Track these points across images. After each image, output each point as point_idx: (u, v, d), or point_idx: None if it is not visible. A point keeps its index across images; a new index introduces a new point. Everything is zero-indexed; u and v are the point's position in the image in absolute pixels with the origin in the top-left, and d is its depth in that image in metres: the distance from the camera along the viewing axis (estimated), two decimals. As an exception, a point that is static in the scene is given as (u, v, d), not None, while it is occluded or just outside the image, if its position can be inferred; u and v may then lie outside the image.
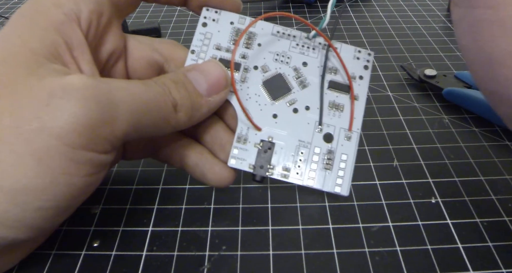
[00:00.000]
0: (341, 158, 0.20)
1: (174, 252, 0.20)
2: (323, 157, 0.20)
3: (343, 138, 0.20)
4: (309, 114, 0.20)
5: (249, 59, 0.21)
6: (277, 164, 0.20)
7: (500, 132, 0.27)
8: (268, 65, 0.21)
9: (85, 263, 0.19)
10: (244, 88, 0.21)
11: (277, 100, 0.20)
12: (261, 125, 0.20)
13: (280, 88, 0.21)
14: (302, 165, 0.20)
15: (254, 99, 0.20)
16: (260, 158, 0.20)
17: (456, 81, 0.31)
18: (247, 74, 0.21)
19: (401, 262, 0.19)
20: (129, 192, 0.23)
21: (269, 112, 0.20)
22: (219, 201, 0.22)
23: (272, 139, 0.20)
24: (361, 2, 0.46)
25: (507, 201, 0.22)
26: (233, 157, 0.20)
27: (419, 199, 0.22)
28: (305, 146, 0.20)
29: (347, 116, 0.20)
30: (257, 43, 0.21)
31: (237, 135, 0.20)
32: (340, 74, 0.21)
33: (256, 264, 0.19)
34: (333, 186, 0.20)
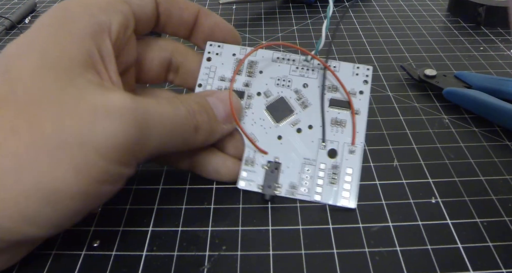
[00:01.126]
0: (346, 172, 0.21)
1: (174, 252, 0.20)
2: (329, 172, 0.21)
3: (347, 152, 0.21)
4: (312, 133, 0.21)
5: (252, 86, 0.22)
6: (284, 183, 0.21)
7: (500, 132, 0.27)
8: (270, 90, 0.22)
9: (85, 263, 0.19)
10: (249, 113, 0.22)
11: (280, 122, 0.22)
12: (266, 147, 0.21)
13: (283, 110, 0.22)
14: (308, 182, 0.21)
15: (259, 124, 0.22)
16: (268, 178, 0.21)
17: (456, 81, 0.31)
18: (251, 101, 0.22)
19: (401, 262, 0.19)
20: (129, 192, 0.23)
21: (274, 134, 0.21)
22: (219, 201, 0.22)
23: (278, 159, 0.21)
24: (361, 2, 0.46)
25: (507, 201, 0.22)
26: (242, 179, 0.21)
27: (419, 199, 0.22)
28: (310, 163, 0.21)
29: (349, 131, 0.21)
30: (258, 71, 0.22)
31: (245, 159, 0.21)
32: (340, 91, 0.22)
33: (256, 264, 0.19)
34: (340, 200, 0.21)
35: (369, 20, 0.42)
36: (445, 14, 0.43)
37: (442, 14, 0.43)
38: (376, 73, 0.33)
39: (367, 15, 0.43)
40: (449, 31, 0.40)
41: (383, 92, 0.31)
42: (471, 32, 0.40)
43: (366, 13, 0.44)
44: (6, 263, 0.18)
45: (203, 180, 0.24)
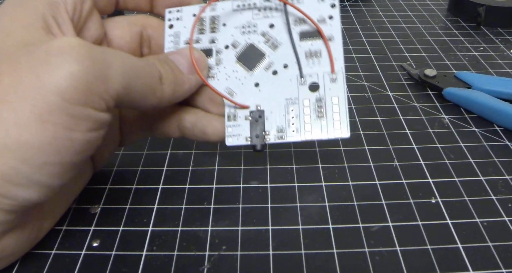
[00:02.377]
0: (333, 101, 0.20)
1: (174, 252, 0.20)
2: (314, 107, 0.20)
3: (329, 81, 0.20)
4: (289, 71, 0.21)
5: (218, 41, 0.22)
6: (272, 129, 0.20)
7: (500, 132, 0.27)
8: (237, 40, 0.21)
9: (85, 263, 0.19)
10: (221, 69, 0.21)
11: (254, 69, 0.21)
12: (246, 98, 0.21)
13: (254, 57, 0.21)
14: (295, 122, 0.20)
15: (233, 76, 0.21)
16: (254, 128, 0.20)
17: (456, 81, 0.31)
18: (220, 56, 0.21)
19: (401, 262, 0.19)
20: (129, 192, 0.23)
21: (251, 83, 0.21)
22: (219, 201, 0.22)
23: (260, 107, 0.20)
24: (361, 2, 0.46)
25: (507, 201, 0.22)
26: (229, 135, 0.20)
27: (419, 199, 0.22)
28: (294, 102, 0.20)
29: (326, 60, 0.20)
30: (221, 24, 0.22)
31: (227, 115, 0.21)
32: (308, 23, 0.21)
33: (256, 264, 0.19)
34: (333, 132, 0.20)
35: (369, 20, 0.42)
36: (445, 14, 0.43)
37: (442, 14, 0.43)
38: (376, 73, 0.33)
39: (367, 15, 0.43)
40: (449, 31, 0.40)
41: (383, 92, 0.31)
42: (471, 32, 0.40)
43: (366, 13, 0.44)
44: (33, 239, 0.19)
45: (203, 180, 0.24)
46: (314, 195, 0.23)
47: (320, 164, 0.25)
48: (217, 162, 0.25)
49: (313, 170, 0.24)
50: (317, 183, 0.23)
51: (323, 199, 0.22)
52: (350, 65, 0.34)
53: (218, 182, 0.24)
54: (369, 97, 0.31)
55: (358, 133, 0.27)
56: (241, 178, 0.24)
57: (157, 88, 0.19)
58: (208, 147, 0.26)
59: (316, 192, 0.23)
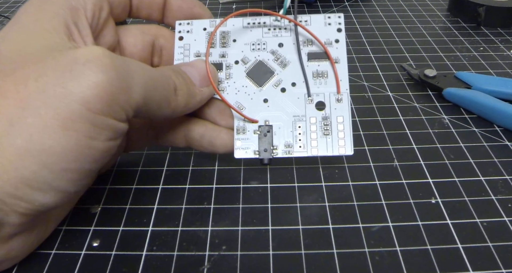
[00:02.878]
0: (338, 120, 0.21)
1: (174, 252, 0.20)
2: (320, 125, 0.21)
3: (335, 101, 0.21)
4: (296, 90, 0.22)
5: (228, 56, 0.22)
6: (279, 144, 0.21)
7: (500, 133, 0.27)
8: (247, 56, 0.22)
9: (85, 263, 0.19)
10: (230, 83, 0.22)
11: (263, 85, 0.22)
12: (254, 113, 0.21)
13: (264, 73, 0.22)
14: (302, 138, 0.21)
15: (242, 91, 0.22)
16: (262, 142, 0.21)
17: (456, 81, 0.31)
18: (230, 71, 0.22)
19: (401, 262, 0.19)
20: (129, 192, 0.23)
21: (260, 98, 0.22)
22: (219, 201, 0.22)
23: (269, 122, 0.21)
24: (361, 2, 0.46)
25: (507, 202, 0.22)
26: (237, 148, 0.21)
27: (419, 199, 0.22)
28: (301, 119, 0.21)
29: (332, 80, 0.21)
30: (232, 40, 0.22)
31: (236, 128, 0.21)
32: (316, 44, 0.22)
33: (256, 264, 0.19)
34: (337, 149, 0.21)
35: (369, 20, 0.42)
36: (445, 14, 0.43)
37: (442, 14, 0.43)
38: (376, 73, 0.33)
39: (367, 15, 0.43)
40: (449, 31, 0.40)
41: (383, 92, 0.31)
42: (471, 32, 0.40)
43: (366, 13, 0.44)
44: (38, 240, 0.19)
45: (203, 180, 0.24)
46: (314, 195, 0.23)
47: (320, 164, 0.25)
48: (217, 162, 0.25)
49: (313, 170, 0.24)
50: (317, 183, 0.23)
51: (323, 199, 0.22)
52: (350, 65, 0.34)
53: (218, 182, 0.24)
54: (369, 97, 0.31)
55: (358, 134, 0.27)
56: (241, 178, 0.24)
57: (172, 99, 0.19)
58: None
59: (316, 192, 0.23)
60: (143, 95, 0.17)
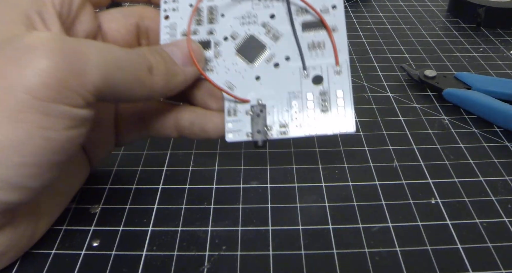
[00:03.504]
0: (337, 95, 0.19)
1: (174, 252, 0.20)
2: (318, 100, 0.19)
3: (333, 74, 0.19)
4: (291, 64, 0.20)
5: (217, 32, 0.21)
6: (274, 124, 0.19)
7: (499, 133, 0.27)
8: (236, 31, 0.21)
9: (85, 263, 0.19)
10: (220, 62, 0.20)
11: (255, 61, 0.20)
12: (246, 92, 0.20)
13: (255, 49, 0.20)
14: (299, 116, 0.19)
15: (233, 69, 0.20)
16: (255, 123, 0.19)
17: (456, 82, 0.31)
18: (219, 48, 0.20)
19: (401, 262, 0.19)
20: (129, 192, 0.23)
21: (251, 76, 0.20)
22: (219, 201, 0.22)
23: (262, 101, 0.20)
24: (361, 3, 0.46)
25: (507, 202, 0.22)
26: (229, 131, 0.20)
27: (418, 199, 0.22)
28: (296, 96, 0.19)
29: (330, 51, 0.20)
30: (220, 15, 0.21)
31: (227, 110, 0.20)
32: (311, 12, 0.20)
33: (256, 264, 0.19)
34: (338, 127, 0.19)
35: (369, 21, 0.42)
36: (444, 15, 0.43)
37: (442, 15, 0.43)
38: (376, 73, 0.33)
39: (367, 15, 0.43)
40: (449, 32, 0.40)
41: (383, 93, 0.31)
42: (470, 33, 0.40)
43: (366, 13, 0.44)
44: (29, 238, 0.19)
45: (203, 180, 0.24)
46: (314, 196, 0.23)
47: (320, 164, 0.25)
48: (217, 162, 0.25)
49: (313, 171, 0.24)
50: (317, 183, 0.23)
51: (323, 199, 0.22)
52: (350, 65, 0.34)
53: (218, 182, 0.24)
54: (369, 97, 0.31)
55: (358, 134, 0.27)
56: (241, 178, 0.24)
57: (146, 79, 0.18)
58: (208, 147, 0.26)
59: (316, 192, 0.23)
60: (102, 77, 0.16)
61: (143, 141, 0.27)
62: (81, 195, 0.23)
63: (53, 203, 0.20)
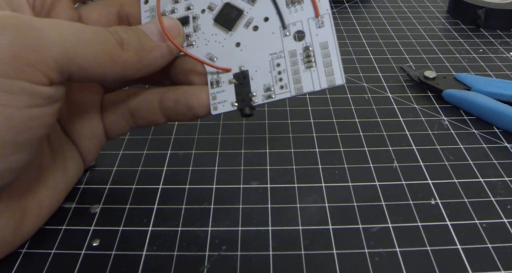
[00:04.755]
0: (321, 47, 0.18)
1: (174, 252, 0.20)
2: (302, 57, 0.19)
3: (315, 27, 0.19)
4: (270, 24, 0.19)
5: (194, 7, 0.20)
6: (258, 89, 0.19)
7: (499, 134, 0.27)
8: (213, 2, 0.20)
9: (85, 262, 0.19)
10: (200, 35, 0.20)
11: (233, 29, 0.20)
12: (229, 61, 0.19)
13: (232, 15, 0.20)
14: (283, 77, 0.19)
15: (212, 41, 0.20)
16: (239, 91, 0.19)
17: (456, 83, 0.31)
18: (197, 22, 0.20)
19: (401, 263, 0.19)
20: (129, 192, 0.23)
21: (231, 43, 0.20)
22: (219, 201, 0.22)
23: (244, 67, 0.19)
24: (361, 3, 0.46)
25: (506, 203, 0.22)
26: (214, 104, 0.19)
27: (418, 200, 0.22)
28: (279, 56, 0.19)
29: (309, 3, 0.19)
30: None
31: (209, 82, 0.19)
32: None
33: (256, 264, 0.19)
34: (325, 81, 0.18)
35: (369, 21, 0.42)
36: (444, 16, 0.43)
37: (441, 16, 0.43)
38: (376, 74, 0.33)
39: (367, 16, 0.44)
40: (448, 33, 0.40)
41: (383, 94, 0.31)
42: (470, 34, 0.40)
43: (366, 14, 0.44)
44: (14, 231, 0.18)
45: (203, 180, 0.24)
46: (314, 196, 0.23)
47: (320, 165, 0.25)
48: (217, 162, 0.25)
49: (313, 171, 0.24)
50: (317, 184, 0.23)
51: (323, 200, 0.22)
52: (350, 66, 0.35)
53: (218, 182, 0.24)
54: (369, 98, 0.31)
55: (358, 134, 0.27)
56: (241, 179, 0.24)
57: (117, 54, 0.17)
58: (208, 147, 0.26)
59: (316, 193, 0.23)
60: (64, 51, 0.16)
61: (143, 141, 0.27)
62: (81, 195, 0.23)
63: (41, 198, 0.20)
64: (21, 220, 0.19)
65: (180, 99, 0.20)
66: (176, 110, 0.20)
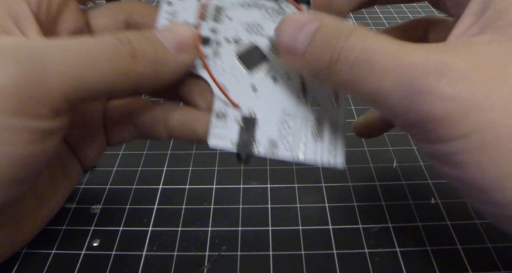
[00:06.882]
0: (331, 126, 0.19)
1: (174, 252, 0.20)
2: (312, 127, 0.18)
3: (330, 103, 0.19)
4: (290, 83, 0.19)
5: (220, 32, 0.20)
6: (262, 140, 0.18)
7: (499, 134, 0.27)
8: (240, 37, 0.20)
9: (85, 262, 0.19)
10: (218, 62, 0.19)
11: (254, 70, 0.19)
12: (240, 99, 0.19)
13: (256, 58, 0.19)
14: (290, 138, 0.18)
15: (229, 73, 0.19)
16: (243, 134, 0.18)
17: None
18: (219, 49, 0.19)
19: (401, 263, 0.19)
20: (129, 192, 0.23)
21: (247, 84, 0.19)
22: (219, 201, 0.22)
23: (254, 113, 0.18)
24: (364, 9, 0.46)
25: (507, 203, 0.22)
26: (214, 135, 0.18)
27: (418, 200, 0.22)
28: (291, 116, 0.19)
29: None
30: (225, 16, 0.20)
31: (216, 112, 0.18)
32: None
33: (256, 264, 0.19)
34: (327, 159, 0.18)
35: (369, 22, 0.42)
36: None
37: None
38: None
39: (371, 22, 0.44)
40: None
41: (383, 94, 0.31)
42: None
43: (370, 20, 0.44)
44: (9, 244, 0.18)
45: (203, 180, 0.24)
46: (314, 196, 0.23)
47: (320, 165, 0.25)
48: (217, 162, 0.25)
49: (313, 171, 0.24)
50: (317, 183, 0.23)
51: (323, 200, 0.22)
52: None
53: (218, 182, 0.24)
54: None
55: (358, 135, 0.27)
56: (241, 179, 0.24)
57: (129, 67, 0.16)
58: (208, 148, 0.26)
59: (316, 193, 0.23)
60: (70, 80, 0.14)
61: (143, 141, 0.27)
62: (81, 195, 0.23)
63: (39, 207, 0.19)
64: (18, 231, 0.19)
65: (186, 122, 0.19)
66: (181, 131, 0.19)
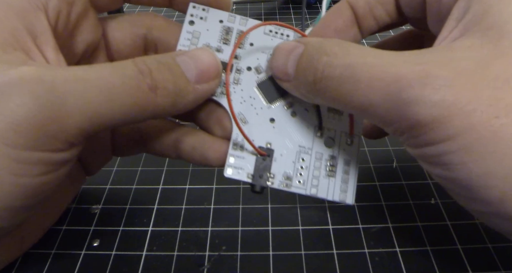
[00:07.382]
0: (344, 164, 0.19)
1: (174, 252, 0.20)
2: (326, 163, 0.19)
3: (345, 142, 0.19)
4: (308, 118, 0.19)
5: (242, 59, 0.20)
6: (278, 173, 0.19)
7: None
8: (262, 66, 0.20)
9: (85, 262, 0.19)
10: (237, 90, 0.19)
11: (273, 103, 0.19)
12: (257, 131, 0.19)
13: (276, 90, 0.19)
14: (304, 173, 0.19)
15: (249, 103, 0.19)
16: (259, 166, 0.19)
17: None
18: (240, 76, 0.19)
19: (401, 263, 0.19)
20: (129, 192, 0.23)
21: (266, 116, 0.19)
22: (219, 201, 0.22)
23: (271, 146, 0.19)
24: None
25: (506, 203, 0.22)
26: (230, 166, 0.18)
27: (418, 200, 0.22)
28: (306, 152, 0.19)
29: (346, 119, 0.20)
30: (249, 43, 0.20)
31: (233, 142, 0.19)
32: None
33: (256, 264, 0.19)
34: (338, 195, 0.19)
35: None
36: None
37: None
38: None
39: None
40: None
41: (383, 94, 0.31)
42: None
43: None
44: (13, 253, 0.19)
45: (203, 180, 0.24)
46: (314, 196, 0.23)
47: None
48: (217, 163, 0.25)
49: (313, 171, 0.24)
50: (317, 183, 0.23)
51: (323, 199, 0.22)
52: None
53: (218, 182, 0.24)
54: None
55: (358, 134, 0.27)
56: (241, 179, 0.24)
57: (148, 102, 0.16)
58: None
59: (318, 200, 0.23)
60: (87, 116, 0.14)
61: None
62: (81, 195, 0.23)
63: (44, 215, 0.20)
64: (22, 242, 0.19)
65: (198, 147, 0.19)
66: (191, 155, 0.19)
